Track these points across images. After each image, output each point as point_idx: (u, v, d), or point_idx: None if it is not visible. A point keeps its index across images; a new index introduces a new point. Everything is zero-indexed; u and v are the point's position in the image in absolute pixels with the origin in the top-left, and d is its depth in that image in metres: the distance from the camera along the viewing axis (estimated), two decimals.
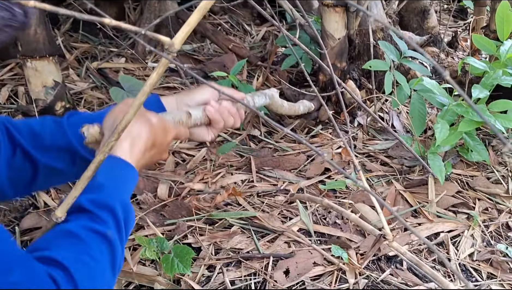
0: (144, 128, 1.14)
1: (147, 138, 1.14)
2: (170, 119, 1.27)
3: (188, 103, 1.39)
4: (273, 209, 2.17)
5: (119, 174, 1.10)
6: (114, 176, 1.08)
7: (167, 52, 0.87)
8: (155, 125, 1.17)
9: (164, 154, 1.25)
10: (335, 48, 2.72)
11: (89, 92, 3.02)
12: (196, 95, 1.39)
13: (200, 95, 1.39)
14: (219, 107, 1.38)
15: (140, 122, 1.14)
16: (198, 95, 1.39)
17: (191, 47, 3.70)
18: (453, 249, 1.97)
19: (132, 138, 1.12)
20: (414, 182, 2.31)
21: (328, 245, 1.95)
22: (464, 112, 2.10)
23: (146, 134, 1.14)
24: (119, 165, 1.10)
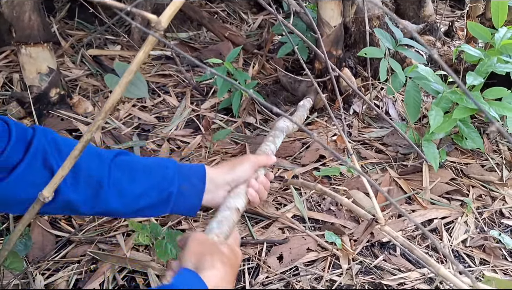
0: (230, 270, 1.12)
1: (229, 276, 1.11)
2: (226, 228, 1.25)
3: (229, 181, 1.36)
4: (268, 195, 2.16)
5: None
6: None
7: (154, 30, 0.86)
8: (233, 261, 1.15)
9: (236, 273, 1.21)
10: (331, 35, 2.71)
11: (84, 79, 3.01)
12: (238, 172, 1.36)
13: (242, 172, 1.36)
14: (258, 187, 1.37)
15: (224, 266, 1.11)
16: (240, 172, 1.36)
17: (187, 35, 3.70)
18: (446, 235, 1.97)
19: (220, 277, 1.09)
20: (408, 169, 2.31)
21: (322, 231, 1.95)
22: (459, 99, 2.09)
23: (230, 278, 1.12)
24: None
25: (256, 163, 1.39)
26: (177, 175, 1.32)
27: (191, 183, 1.33)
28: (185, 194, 1.32)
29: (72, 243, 1.92)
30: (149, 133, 2.60)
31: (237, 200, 1.32)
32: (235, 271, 1.15)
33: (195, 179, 1.34)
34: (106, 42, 3.50)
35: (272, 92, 2.90)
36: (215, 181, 1.35)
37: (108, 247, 1.88)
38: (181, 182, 1.32)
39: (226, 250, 1.15)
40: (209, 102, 2.87)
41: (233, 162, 1.40)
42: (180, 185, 1.31)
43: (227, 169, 1.37)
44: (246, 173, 1.37)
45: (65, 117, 2.60)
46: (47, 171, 1.15)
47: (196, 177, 1.34)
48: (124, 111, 2.73)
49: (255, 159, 1.40)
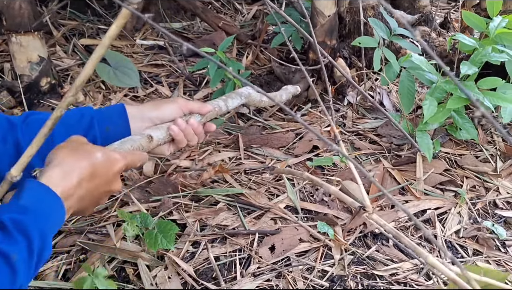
0: (79, 161, 1.08)
1: (83, 169, 1.07)
2: (127, 147, 1.23)
3: (153, 118, 1.35)
4: (260, 186, 2.15)
5: (43, 203, 1.02)
6: (39, 203, 1.00)
7: (128, 3, 0.83)
8: (95, 157, 1.10)
9: (113, 184, 1.17)
10: (325, 25, 2.68)
11: (76, 69, 2.98)
12: (164, 110, 1.35)
13: (168, 110, 1.35)
14: (185, 127, 1.34)
15: (74, 156, 1.08)
16: (165, 110, 1.35)
17: (180, 25, 3.67)
18: (440, 226, 1.96)
19: (63, 171, 1.06)
20: (402, 160, 2.30)
21: (315, 222, 1.93)
22: (453, 89, 2.07)
23: (81, 166, 1.08)
24: (46, 194, 1.03)
25: (185, 106, 1.36)
26: (95, 119, 1.30)
27: (112, 122, 1.31)
28: (111, 135, 1.30)
29: (62, 233, 1.89)
30: None
31: (154, 130, 1.31)
32: (100, 173, 1.11)
33: (116, 118, 1.32)
34: (98, 32, 3.46)
35: (266, 82, 2.88)
36: (137, 117, 1.33)
37: (98, 237, 1.86)
38: (101, 125, 1.30)
39: (96, 152, 1.12)
40: (202, 93, 2.85)
41: (160, 101, 1.39)
42: (101, 128, 1.29)
43: (151, 106, 1.36)
44: (173, 113, 1.35)
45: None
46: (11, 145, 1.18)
47: (117, 115, 1.32)
48: (115, 101, 2.71)
49: (184, 102, 1.37)
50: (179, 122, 1.35)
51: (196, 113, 1.42)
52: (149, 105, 1.38)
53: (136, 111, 1.35)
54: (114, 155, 1.16)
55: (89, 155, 1.10)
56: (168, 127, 1.34)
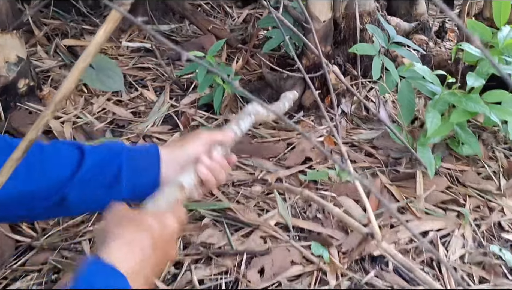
0: (139, 235, 0.94)
1: (147, 246, 0.93)
2: (164, 205, 1.08)
3: (179, 160, 1.21)
4: (249, 200, 2.01)
5: None
6: None
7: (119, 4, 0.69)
8: (149, 225, 0.96)
9: (171, 251, 1.02)
10: (320, 31, 2.55)
11: (57, 70, 2.84)
12: (188, 148, 1.21)
13: (192, 149, 1.21)
14: (210, 164, 1.21)
15: (133, 230, 0.94)
16: (190, 148, 1.21)
17: (169, 27, 3.53)
18: (443, 250, 1.81)
19: (124, 246, 0.91)
20: (401, 175, 2.16)
21: (308, 242, 1.79)
22: (458, 101, 1.94)
23: (143, 241, 0.93)
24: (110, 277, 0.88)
25: (208, 139, 1.23)
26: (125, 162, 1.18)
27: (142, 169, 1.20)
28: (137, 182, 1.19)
29: (34, 249, 1.74)
30: (123, 130, 2.42)
31: (183, 176, 1.16)
32: (160, 243, 0.96)
33: (151, 163, 1.20)
34: (82, 32, 3.31)
35: (256, 89, 2.73)
36: (167, 159, 1.21)
37: (72, 255, 1.70)
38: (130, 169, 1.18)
39: (149, 219, 0.97)
40: (189, 98, 2.70)
41: (184, 139, 1.25)
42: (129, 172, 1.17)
43: (176, 148, 1.22)
44: (197, 151, 1.21)
45: (34, 110, 2.42)
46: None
47: (151, 161, 1.21)
48: (97, 105, 2.55)
49: (207, 135, 1.23)
50: (204, 161, 1.21)
51: (217, 144, 1.28)
52: (174, 146, 1.25)
53: (165, 154, 1.22)
54: (166, 218, 1.01)
55: (143, 227, 0.95)
56: (195, 169, 1.20)
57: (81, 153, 1.14)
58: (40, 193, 1.08)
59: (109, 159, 1.16)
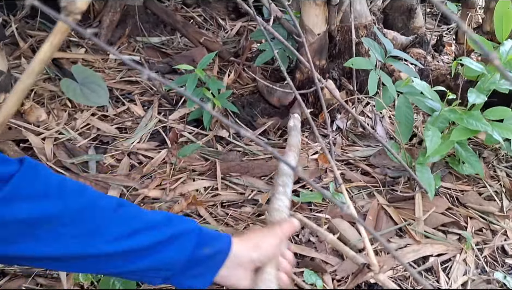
0: None
1: None
2: None
3: (255, 260, 1.10)
4: (239, 222, 1.90)
5: None
6: None
7: (66, 13, 0.59)
8: None
9: None
10: (314, 44, 2.45)
11: (41, 84, 2.72)
12: (264, 248, 1.11)
13: (269, 248, 1.12)
14: (289, 269, 1.16)
15: None
16: (267, 248, 1.12)
17: (159, 39, 3.43)
18: (444, 277, 1.70)
19: None
20: (399, 195, 2.05)
21: (300, 268, 1.67)
22: (458, 119, 1.84)
23: None
24: None
25: (283, 236, 1.14)
26: None
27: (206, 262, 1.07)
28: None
29: (6, 276, 1.62)
30: (108, 146, 2.31)
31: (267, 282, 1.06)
32: None
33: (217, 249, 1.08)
34: (69, 44, 3.20)
35: (248, 103, 2.63)
36: (238, 257, 1.08)
37: (47, 282, 1.59)
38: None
39: None
40: (178, 113, 2.59)
41: (259, 235, 1.14)
42: None
43: (253, 245, 1.10)
44: (273, 250, 1.12)
45: (14, 126, 2.31)
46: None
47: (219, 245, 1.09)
48: (81, 121, 2.44)
49: (281, 232, 1.15)
50: (286, 267, 1.13)
51: None
52: (251, 243, 1.12)
53: (239, 251, 1.09)
54: None
55: None
56: (278, 278, 1.10)
57: None
58: None
59: None
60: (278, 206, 1.31)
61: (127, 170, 2.16)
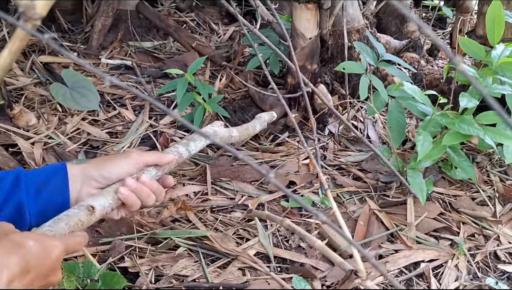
0: (6, 256, 0.84)
1: (13, 266, 0.84)
2: (62, 228, 0.97)
3: (98, 178, 1.11)
4: (228, 227, 1.88)
5: None
6: None
7: (25, 19, 0.56)
8: (26, 248, 0.87)
9: (50, 277, 0.93)
10: (306, 48, 2.44)
11: (32, 88, 2.70)
12: (111, 167, 1.12)
13: (116, 168, 1.12)
14: (136, 187, 1.10)
15: (4, 251, 0.85)
16: (113, 168, 1.12)
17: (152, 44, 3.41)
18: (435, 283, 1.68)
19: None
20: (390, 200, 2.03)
21: (289, 274, 1.65)
22: (450, 123, 1.82)
23: (9, 263, 0.84)
24: None
25: (139, 161, 1.12)
26: (23, 178, 1.08)
27: (47, 182, 1.09)
28: (44, 198, 1.08)
29: None
30: (98, 151, 2.28)
31: (98, 198, 1.04)
32: (37, 268, 0.87)
33: (52, 177, 1.09)
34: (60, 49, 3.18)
35: (240, 108, 2.61)
36: (78, 177, 1.09)
37: None
38: (30, 185, 1.07)
39: (29, 241, 0.87)
40: (169, 117, 2.57)
41: (109, 157, 1.16)
42: (30, 189, 1.07)
43: (97, 164, 1.11)
44: (122, 170, 1.11)
45: (3, 130, 2.29)
46: None
47: (53, 173, 1.10)
48: (71, 125, 2.42)
49: (138, 156, 1.14)
50: (129, 183, 1.09)
51: (152, 166, 1.16)
52: (94, 162, 1.13)
53: (78, 170, 1.11)
54: (49, 242, 0.91)
55: (19, 247, 0.86)
56: (116, 190, 1.08)
57: None
58: None
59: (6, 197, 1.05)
60: (169, 151, 1.28)
61: None
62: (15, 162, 2.05)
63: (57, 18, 3.48)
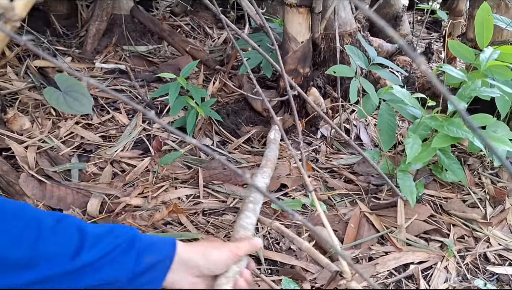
0: None
1: None
2: None
3: (203, 269, 1.10)
4: (220, 229, 1.88)
5: None
6: None
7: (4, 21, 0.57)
8: None
9: None
10: (298, 52, 2.45)
11: (26, 92, 2.71)
12: (214, 260, 1.11)
13: (219, 261, 1.12)
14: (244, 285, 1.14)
15: None
16: (216, 260, 1.12)
17: (146, 48, 3.42)
18: (424, 284, 1.69)
19: None
20: (381, 203, 2.04)
21: (280, 276, 1.66)
22: (439, 126, 1.84)
23: None
24: None
25: (236, 254, 1.13)
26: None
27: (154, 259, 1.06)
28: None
29: None
30: (91, 155, 2.29)
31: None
32: None
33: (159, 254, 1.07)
34: (55, 53, 3.19)
35: (233, 111, 2.62)
36: (184, 261, 1.08)
37: None
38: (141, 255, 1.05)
39: None
40: (163, 121, 2.57)
41: (209, 244, 1.13)
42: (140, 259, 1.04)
43: (201, 252, 1.10)
44: (222, 263, 1.11)
45: None
46: None
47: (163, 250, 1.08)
48: (65, 129, 2.43)
49: (235, 249, 1.14)
50: (241, 285, 1.12)
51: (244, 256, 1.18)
52: (199, 249, 1.12)
53: (186, 256, 1.09)
54: None
55: None
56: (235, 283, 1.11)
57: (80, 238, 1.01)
58: None
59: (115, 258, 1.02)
60: (246, 223, 1.30)
61: (109, 178, 2.15)
62: (8, 166, 2.06)
63: (52, 23, 3.49)
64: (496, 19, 2.17)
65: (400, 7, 3.29)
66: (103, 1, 3.27)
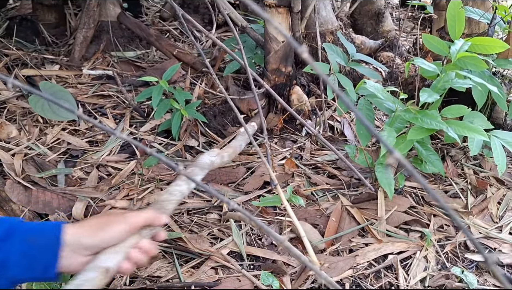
0: None
1: None
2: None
3: (91, 248, 1.07)
4: (203, 228, 1.91)
5: None
6: None
7: None
8: None
9: None
10: (279, 51, 2.48)
11: (14, 101, 2.74)
12: (106, 236, 1.08)
13: (113, 234, 1.08)
14: (138, 259, 1.11)
15: None
16: (109, 236, 1.08)
17: (134, 54, 3.45)
18: (403, 273, 1.72)
19: None
20: (362, 196, 2.07)
21: (261, 271, 1.69)
22: (413, 118, 1.87)
23: None
24: None
25: (134, 225, 1.09)
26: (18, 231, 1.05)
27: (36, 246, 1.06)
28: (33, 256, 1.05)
29: None
30: (77, 160, 2.33)
31: (110, 258, 1.05)
32: None
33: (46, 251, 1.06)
34: (44, 61, 3.23)
35: (220, 112, 2.65)
36: (71, 245, 1.06)
37: None
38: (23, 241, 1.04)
39: None
40: (149, 125, 2.62)
41: (105, 221, 1.10)
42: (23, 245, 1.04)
43: (92, 232, 1.07)
44: (115, 238, 1.08)
45: None
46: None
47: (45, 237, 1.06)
48: (51, 136, 2.46)
49: (133, 219, 1.10)
50: (134, 257, 1.11)
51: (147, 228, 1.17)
52: (89, 228, 1.09)
53: (72, 238, 1.07)
54: None
55: None
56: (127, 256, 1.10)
57: None
58: None
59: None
60: (172, 189, 1.28)
61: (95, 182, 2.18)
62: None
63: (41, 32, 3.53)
64: (469, 11, 2.20)
65: (382, 4, 3.32)
66: (90, 9, 3.31)
